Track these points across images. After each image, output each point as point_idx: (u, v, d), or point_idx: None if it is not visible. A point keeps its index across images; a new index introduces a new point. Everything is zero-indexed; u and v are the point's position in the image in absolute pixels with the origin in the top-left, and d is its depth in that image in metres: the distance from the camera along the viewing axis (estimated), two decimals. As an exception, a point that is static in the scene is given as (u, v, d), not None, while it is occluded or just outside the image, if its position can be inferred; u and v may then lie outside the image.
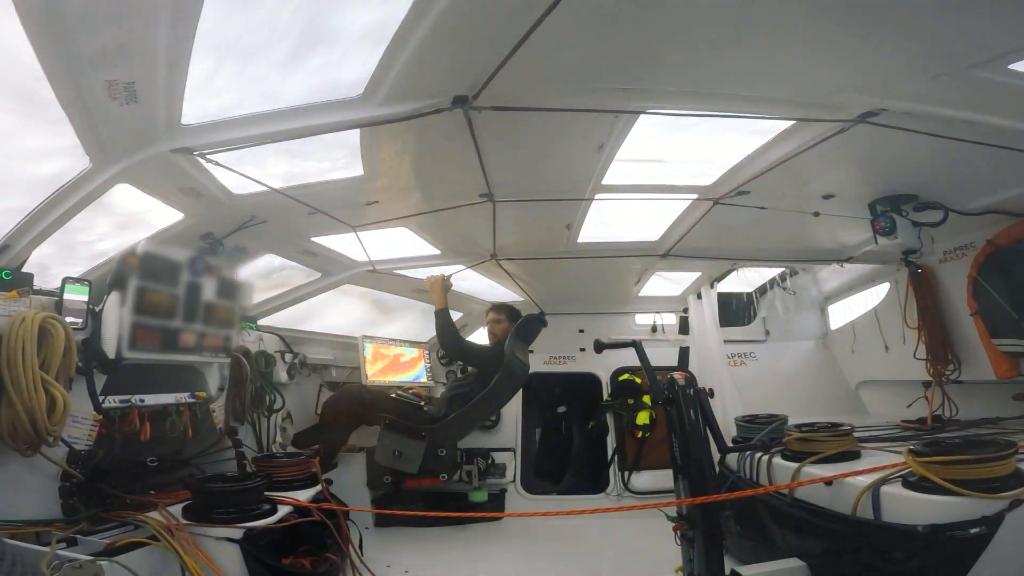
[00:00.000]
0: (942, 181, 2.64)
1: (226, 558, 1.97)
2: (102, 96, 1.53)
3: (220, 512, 2.11)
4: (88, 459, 2.18)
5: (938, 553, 1.59)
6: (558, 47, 1.57)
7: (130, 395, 2.38)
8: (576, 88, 1.83)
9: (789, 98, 1.93)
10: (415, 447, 3.25)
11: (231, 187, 2.33)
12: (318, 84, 1.74)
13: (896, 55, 1.63)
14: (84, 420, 2.20)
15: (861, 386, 4.43)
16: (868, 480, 1.88)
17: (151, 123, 1.73)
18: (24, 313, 1.93)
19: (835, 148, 2.16)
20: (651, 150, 2.38)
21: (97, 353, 2.27)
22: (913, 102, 1.84)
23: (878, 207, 2.82)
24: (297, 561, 2.31)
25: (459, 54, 1.59)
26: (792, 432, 2.45)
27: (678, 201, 2.97)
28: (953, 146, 2.09)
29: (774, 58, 1.68)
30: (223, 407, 2.98)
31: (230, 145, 1.93)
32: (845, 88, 1.82)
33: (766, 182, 2.52)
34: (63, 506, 2.10)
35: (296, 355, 3.71)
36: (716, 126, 2.18)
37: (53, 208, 2.01)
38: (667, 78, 1.80)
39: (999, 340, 3.04)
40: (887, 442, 2.63)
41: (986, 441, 1.88)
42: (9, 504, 1.93)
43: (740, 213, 2.89)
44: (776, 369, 4.65)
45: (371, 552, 2.78)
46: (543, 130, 2.11)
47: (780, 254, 3.94)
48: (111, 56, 1.40)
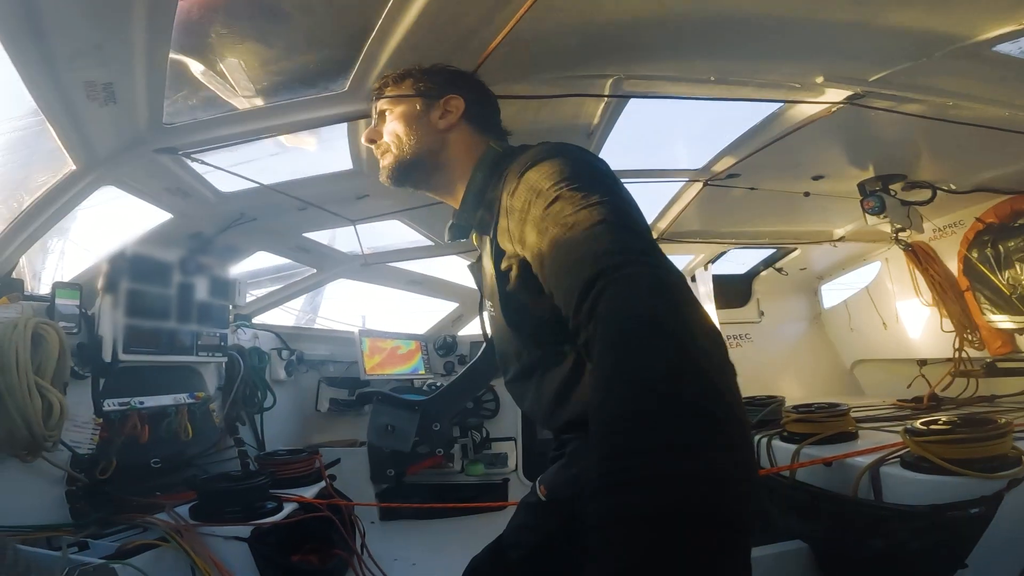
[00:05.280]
0: (929, 161, 2.66)
1: (235, 557, 1.98)
2: (81, 98, 1.50)
3: (228, 511, 2.12)
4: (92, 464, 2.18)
5: (940, 533, 1.60)
6: (545, 34, 1.56)
7: (129, 398, 2.38)
8: (564, 74, 1.81)
9: (775, 81, 1.92)
10: (408, 420, 3.24)
11: (218, 185, 2.31)
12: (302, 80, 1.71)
13: (882, 38, 1.62)
14: (85, 424, 2.20)
15: (856, 365, 4.46)
16: (867, 461, 1.89)
17: (132, 124, 1.70)
18: (16, 319, 1.91)
19: (823, 130, 2.16)
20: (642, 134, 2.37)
21: (92, 357, 2.26)
22: (899, 85, 1.84)
23: (867, 187, 2.83)
24: (305, 558, 2.32)
25: (444, 44, 1.56)
26: (790, 413, 2.46)
27: (669, 184, 2.97)
28: (940, 127, 2.09)
29: (761, 42, 1.67)
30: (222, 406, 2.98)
31: (214, 143, 1.90)
32: (832, 71, 1.82)
33: (756, 164, 2.52)
34: (71, 510, 2.11)
35: (293, 352, 3.70)
36: (705, 109, 2.18)
37: (38, 213, 1.99)
38: (654, 63, 1.79)
39: (991, 317, 3.06)
40: (884, 422, 2.65)
41: (982, 419, 1.90)
42: (17, 510, 1.93)
43: (731, 195, 2.89)
44: (771, 350, 4.67)
45: (378, 546, 2.79)
46: (531, 117, 2.09)
47: (772, 235, 3.94)
48: (86, 57, 1.37)
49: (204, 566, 1.85)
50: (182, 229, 2.52)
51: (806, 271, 4.66)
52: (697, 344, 0.63)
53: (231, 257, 3.03)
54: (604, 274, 0.71)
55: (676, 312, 0.65)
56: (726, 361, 0.65)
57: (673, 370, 0.60)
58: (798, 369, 4.55)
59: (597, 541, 0.54)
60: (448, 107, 1.27)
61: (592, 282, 0.72)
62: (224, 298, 2.95)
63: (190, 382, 2.82)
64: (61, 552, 1.66)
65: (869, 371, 4.38)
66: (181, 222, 2.46)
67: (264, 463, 2.70)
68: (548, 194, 0.89)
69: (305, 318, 5.06)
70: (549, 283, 0.86)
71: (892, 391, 3.65)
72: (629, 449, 0.56)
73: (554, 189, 0.88)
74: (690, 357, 0.61)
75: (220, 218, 2.56)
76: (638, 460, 0.55)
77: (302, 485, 2.59)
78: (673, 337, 0.63)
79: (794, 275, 4.62)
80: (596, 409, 0.62)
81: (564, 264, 0.80)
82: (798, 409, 2.49)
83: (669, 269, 0.73)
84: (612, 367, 0.63)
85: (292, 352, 3.69)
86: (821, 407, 2.50)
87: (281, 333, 3.71)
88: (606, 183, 0.92)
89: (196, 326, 2.72)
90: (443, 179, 1.28)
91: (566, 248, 0.80)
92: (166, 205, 2.33)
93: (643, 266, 0.72)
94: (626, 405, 0.60)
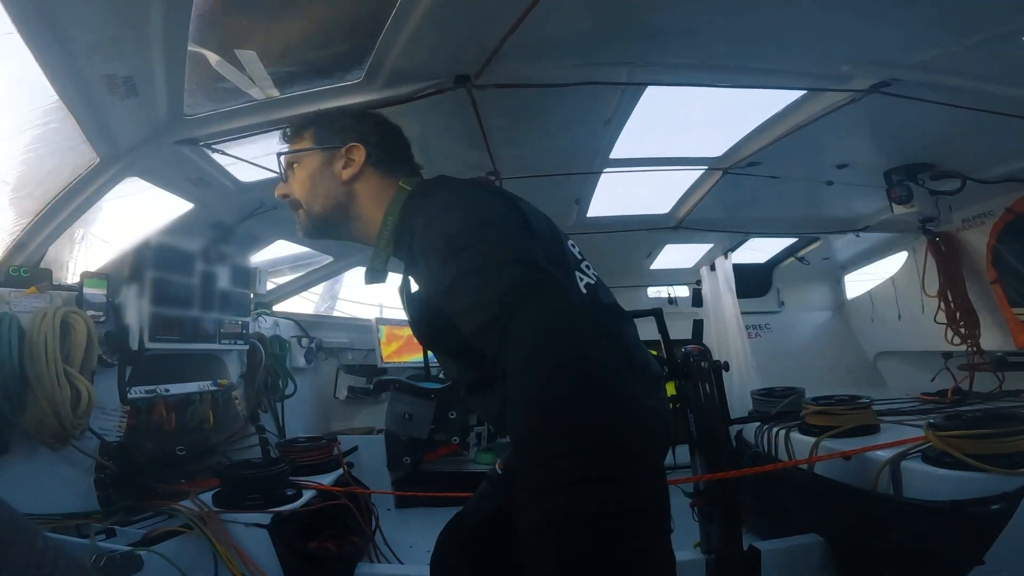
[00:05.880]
0: (959, 150, 2.58)
1: (256, 543, 2.02)
2: (102, 91, 1.53)
3: (249, 498, 2.16)
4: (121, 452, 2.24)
5: (959, 529, 1.57)
6: (560, 21, 1.54)
7: (155, 386, 2.44)
8: (580, 62, 1.79)
9: (800, 68, 1.88)
10: (426, 408, 3.27)
11: (239, 175, 2.33)
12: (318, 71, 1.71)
13: (910, 25, 1.57)
14: (113, 412, 2.27)
15: (879, 357, 4.38)
16: (888, 455, 1.87)
17: (153, 116, 1.72)
18: (45, 308, 1.97)
19: (848, 118, 2.11)
20: (659, 122, 2.34)
21: (120, 345, 2.31)
22: (927, 73, 1.79)
23: (893, 176, 2.77)
24: (323, 544, 2.37)
25: (459, 33, 1.56)
26: (809, 406, 2.43)
27: (688, 172, 2.93)
28: (970, 115, 2.03)
29: (784, 27, 1.62)
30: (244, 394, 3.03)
31: (234, 134, 1.92)
32: (858, 58, 1.77)
33: (777, 152, 2.48)
34: (99, 497, 2.16)
35: (312, 340, 3.75)
36: (725, 97, 2.13)
37: (65, 204, 2.03)
38: (672, 49, 1.76)
39: (1019, 309, 2.99)
40: (906, 415, 2.61)
41: (1007, 414, 1.86)
42: (46, 497, 1.99)
43: (751, 183, 2.84)
44: (792, 340, 4.62)
45: (394, 533, 2.83)
46: (548, 106, 2.07)
47: (794, 224, 3.87)
48: (105, 50, 1.38)
49: (226, 553, 1.89)
50: (204, 218, 2.56)
51: (828, 260, 4.58)
52: (586, 365, 0.69)
53: (251, 246, 3.07)
54: (507, 309, 0.78)
55: (573, 336, 0.73)
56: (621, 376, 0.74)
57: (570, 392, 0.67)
58: (819, 360, 4.48)
59: (528, 546, 0.59)
60: (350, 156, 1.24)
61: (496, 320, 0.79)
62: (245, 286, 2.99)
63: (213, 370, 2.87)
64: (89, 539, 1.70)
65: (892, 363, 4.30)
66: (202, 212, 2.50)
67: (284, 450, 2.75)
68: (444, 250, 0.93)
69: (324, 306, 5.13)
70: (461, 327, 0.89)
71: (916, 384, 3.58)
72: (543, 458, 0.63)
73: (454, 241, 0.93)
74: (579, 380, 0.68)
75: (241, 207, 2.59)
76: (552, 467, 0.61)
77: (321, 472, 2.63)
78: (570, 358, 0.70)
79: (816, 264, 4.54)
80: (513, 431, 0.72)
81: (470, 307, 0.86)
82: (818, 401, 2.46)
83: (566, 295, 0.81)
84: (520, 392, 0.70)
85: (312, 340, 3.74)
86: (841, 399, 2.47)
87: (301, 321, 3.76)
88: (503, 224, 0.97)
89: (219, 314, 2.77)
90: (358, 229, 1.27)
91: (470, 291, 0.86)
92: (188, 195, 2.37)
93: (542, 296, 0.79)
94: (532, 424, 0.67)
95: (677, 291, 4.80)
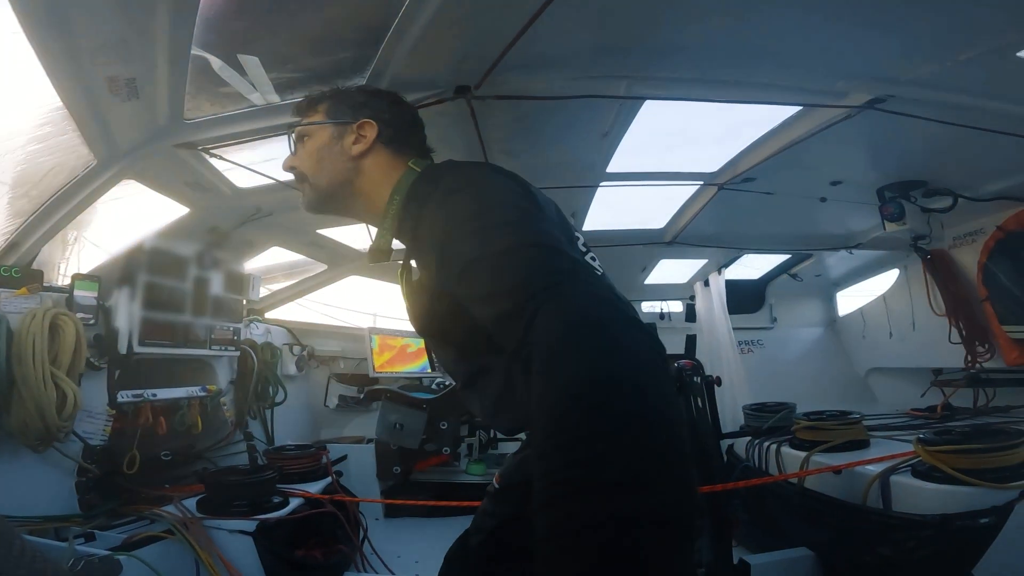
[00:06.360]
0: (951, 167, 2.61)
1: (240, 551, 1.99)
2: (103, 93, 1.53)
3: (234, 505, 2.13)
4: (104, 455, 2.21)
5: (948, 543, 1.58)
6: (560, 34, 1.56)
7: (143, 390, 2.41)
8: (579, 75, 1.81)
9: (796, 84, 1.90)
10: (416, 418, 3.25)
11: (236, 180, 2.33)
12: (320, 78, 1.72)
13: (905, 41, 1.61)
14: (99, 416, 2.24)
15: (870, 373, 4.41)
16: (877, 469, 1.87)
17: (153, 119, 1.73)
18: (35, 309, 1.95)
19: (843, 134, 2.14)
20: (656, 137, 2.36)
21: (109, 348, 2.29)
22: (922, 89, 1.82)
23: (886, 193, 2.80)
24: (309, 553, 2.34)
25: (460, 44, 1.57)
26: (800, 421, 2.44)
27: (683, 188, 2.95)
28: (962, 133, 2.06)
29: (781, 43, 1.65)
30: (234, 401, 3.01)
31: (233, 139, 1.92)
32: (853, 74, 1.80)
33: (772, 168, 2.50)
34: (80, 501, 2.13)
35: (304, 347, 3.73)
36: (721, 112, 2.16)
37: (60, 206, 2.02)
38: (671, 63, 1.78)
39: (1010, 327, 3.01)
40: (897, 431, 2.63)
41: (996, 430, 1.87)
42: (26, 500, 1.95)
43: (746, 199, 2.86)
44: (783, 357, 4.64)
45: (382, 542, 2.80)
46: (547, 118, 2.09)
47: (787, 240, 3.90)
48: (110, 51, 1.39)
49: (208, 559, 1.86)
50: (199, 223, 2.55)
51: (821, 277, 4.61)
52: (624, 356, 0.65)
53: (246, 252, 3.06)
54: (535, 297, 0.73)
55: (607, 326, 0.67)
56: (658, 367, 0.67)
57: (601, 383, 0.62)
58: (810, 376, 4.50)
59: (545, 551, 0.56)
60: (362, 132, 1.21)
61: (522, 308, 0.74)
62: (238, 293, 2.98)
63: (202, 375, 2.85)
64: (68, 543, 1.67)
65: (883, 380, 4.33)
66: (198, 216, 2.49)
67: (272, 457, 2.73)
68: (457, 231, 0.89)
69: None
70: (475, 312, 0.85)
71: (906, 400, 3.60)
72: (566, 463, 0.59)
73: (467, 223, 0.89)
74: (617, 371, 0.63)
75: (237, 213, 2.59)
76: (577, 472, 0.57)
77: (309, 480, 2.61)
78: (601, 351, 0.65)
79: (809, 281, 4.58)
80: (537, 429, 0.64)
81: (490, 293, 0.81)
82: (809, 416, 2.47)
83: (594, 283, 0.76)
84: (550, 389, 0.65)
85: (303, 348, 3.72)
86: (832, 415, 2.48)
87: (293, 329, 3.74)
88: (520, 207, 0.93)
89: (210, 320, 2.75)
90: (362, 206, 1.24)
91: (490, 276, 0.81)
92: (184, 199, 2.36)
93: (571, 285, 0.74)
94: (561, 421, 0.62)
95: (670, 306, 4.82)
